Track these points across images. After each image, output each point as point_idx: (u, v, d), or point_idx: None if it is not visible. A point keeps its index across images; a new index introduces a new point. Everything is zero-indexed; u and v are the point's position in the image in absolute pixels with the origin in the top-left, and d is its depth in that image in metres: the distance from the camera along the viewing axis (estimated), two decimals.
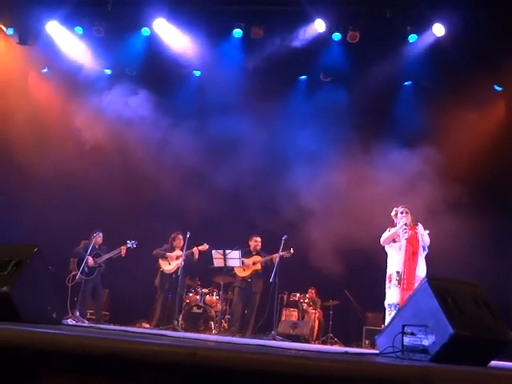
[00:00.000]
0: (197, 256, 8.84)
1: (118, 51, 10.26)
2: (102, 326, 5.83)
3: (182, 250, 8.85)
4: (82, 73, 10.41)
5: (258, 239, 9.03)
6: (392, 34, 9.57)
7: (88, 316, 8.84)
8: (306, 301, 10.06)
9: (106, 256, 8.93)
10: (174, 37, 10.11)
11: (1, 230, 8.55)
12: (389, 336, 3.64)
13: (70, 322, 7.11)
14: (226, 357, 2.53)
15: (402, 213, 6.60)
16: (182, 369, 2.48)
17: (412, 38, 9.54)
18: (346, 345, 8.98)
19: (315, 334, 9.73)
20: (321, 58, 10.22)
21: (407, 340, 3.47)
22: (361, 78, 9.99)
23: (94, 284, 8.83)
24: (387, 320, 6.33)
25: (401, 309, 3.78)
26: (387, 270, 6.52)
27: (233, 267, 8.88)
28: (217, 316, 9.11)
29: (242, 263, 8.80)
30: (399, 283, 6.31)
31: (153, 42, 10.16)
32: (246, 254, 8.93)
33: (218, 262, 8.86)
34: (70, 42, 10.28)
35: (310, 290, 10.18)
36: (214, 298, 9.54)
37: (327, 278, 9.75)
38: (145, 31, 10.05)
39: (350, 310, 9.99)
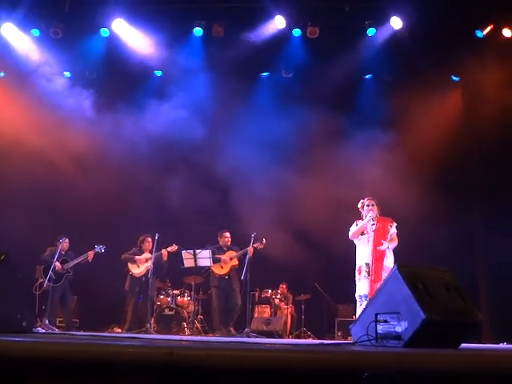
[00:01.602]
0: (166, 257, 8.76)
1: (76, 53, 10.03)
2: (73, 332, 5.73)
3: (151, 252, 8.76)
4: (41, 76, 10.15)
5: (228, 234, 8.92)
6: (351, 28, 9.67)
7: (57, 324, 8.67)
8: (278, 296, 10.11)
9: (74, 261, 8.77)
10: (133, 37, 9.97)
11: None
12: (362, 325, 3.70)
13: (39, 330, 6.95)
14: (202, 355, 2.53)
15: (368, 205, 6.63)
16: (158, 369, 2.47)
17: (371, 31, 9.65)
18: (320, 338, 9.05)
19: (288, 329, 9.79)
20: (282, 54, 10.25)
21: (381, 328, 3.54)
22: (322, 73, 10.08)
23: (62, 291, 8.65)
24: (358, 312, 6.40)
25: (373, 298, 3.84)
26: (356, 262, 6.57)
27: (209, 266, 8.75)
28: (189, 317, 9.05)
29: (219, 260, 8.71)
30: (369, 275, 6.38)
31: (112, 42, 9.98)
32: (218, 250, 8.82)
33: (188, 263, 8.80)
34: (26, 45, 10.01)
35: (281, 286, 10.22)
36: (186, 298, 9.48)
37: (297, 272, 9.85)
38: (104, 32, 9.88)
39: (321, 304, 10.08)
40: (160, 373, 2.46)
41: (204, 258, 8.63)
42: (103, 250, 8.82)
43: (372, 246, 6.45)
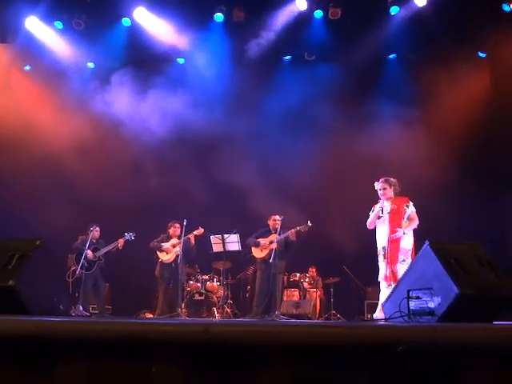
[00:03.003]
0: (193, 241, 8.80)
1: (99, 44, 10.10)
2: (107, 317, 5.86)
3: (178, 238, 8.81)
4: (65, 68, 10.29)
5: (277, 217, 8.50)
6: (373, 7, 9.52)
7: (91, 310, 8.86)
8: (307, 280, 10.13)
9: (105, 249, 8.92)
10: (155, 25, 9.99)
11: None
12: (394, 302, 3.69)
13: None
14: (237, 331, 2.55)
15: (380, 189, 6.52)
16: (194, 346, 2.50)
17: (394, 10, 9.49)
18: (349, 320, 9.05)
19: (318, 312, 9.81)
20: (304, 36, 10.16)
21: (413, 304, 3.53)
22: (345, 55, 9.99)
23: (94, 278, 8.82)
24: (381, 295, 6.35)
25: (404, 275, 3.83)
26: (377, 245, 6.49)
27: (250, 249, 8.66)
28: (219, 302, 9.12)
29: (259, 243, 8.56)
30: (385, 257, 6.29)
31: (134, 31, 10.04)
32: (266, 233, 8.62)
33: (216, 248, 8.85)
34: (50, 37, 10.14)
35: (310, 269, 10.24)
36: (215, 284, 9.54)
37: (326, 255, 9.84)
38: (125, 21, 9.94)
39: (350, 286, 10.05)
40: (196, 350, 2.50)
41: (232, 242, 8.67)
42: (133, 238, 8.95)
43: (388, 229, 6.34)
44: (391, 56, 10.45)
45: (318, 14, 9.74)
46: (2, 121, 9.51)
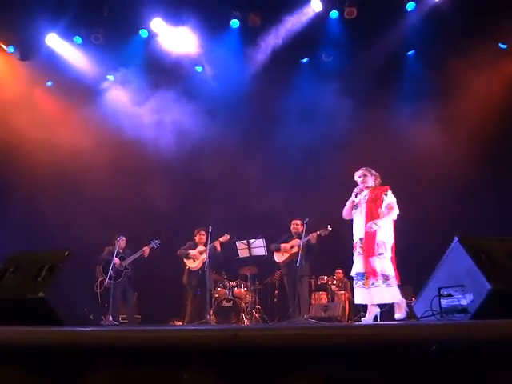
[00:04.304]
0: (219, 248, 8.81)
1: (118, 56, 10.26)
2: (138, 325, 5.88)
3: (205, 245, 8.83)
4: (86, 81, 10.44)
5: (298, 222, 8.52)
6: (389, 4, 9.46)
7: (120, 320, 8.92)
8: (335, 283, 10.03)
9: (131, 258, 9.01)
10: (172, 35, 10.09)
11: (23, 241, 8.66)
12: (425, 301, 3.62)
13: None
14: (266, 334, 2.52)
15: (360, 177, 6.22)
16: (224, 351, 2.48)
17: (410, 5, 9.42)
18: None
19: (347, 315, 9.69)
20: (320, 38, 10.14)
21: (445, 302, 3.45)
22: (363, 54, 9.94)
23: (123, 288, 8.90)
24: (355, 291, 6.03)
25: (434, 272, 3.76)
26: (353, 238, 6.10)
27: (273, 254, 8.67)
28: (247, 307, 9.10)
29: (280, 248, 8.54)
30: (363, 251, 5.90)
31: (152, 42, 10.14)
32: (288, 238, 8.61)
33: (242, 253, 8.85)
34: (70, 53, 10.32)
35: (337, 271, 10.15)
36: (243, 289, 9.52)
37: (352, 257, 9.72)
38: (143, 33, 10.05)
39: None
40: (227, 355, 2.48)
41: (258, 247, 8.66)
42: (158, 245, 9.03)
43: (365, 220, 5.96)
44: (410, 52, 10.35)
45: (334, 14, 9.71)
46: (26, 136, 9.67)
